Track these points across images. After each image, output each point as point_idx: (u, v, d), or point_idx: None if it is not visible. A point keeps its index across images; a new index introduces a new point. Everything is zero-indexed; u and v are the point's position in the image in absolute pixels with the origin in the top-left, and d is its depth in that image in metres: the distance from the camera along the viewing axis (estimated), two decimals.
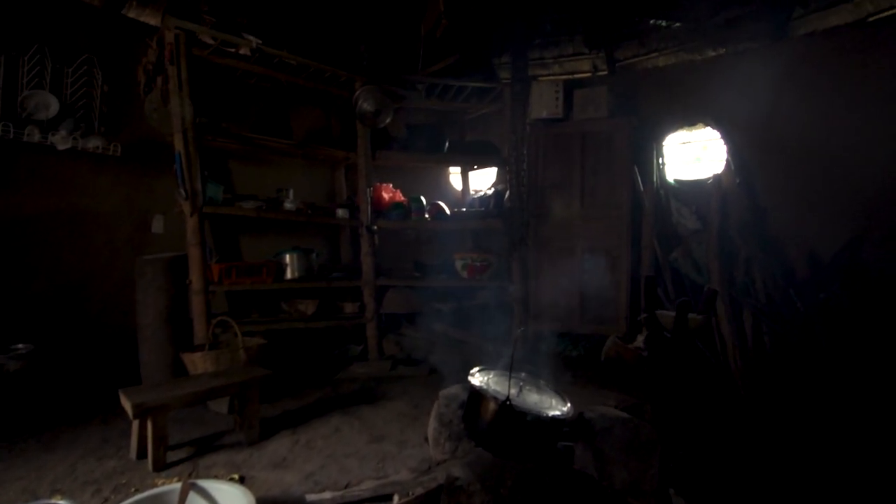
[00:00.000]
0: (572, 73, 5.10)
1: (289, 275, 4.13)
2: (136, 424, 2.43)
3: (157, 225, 4.12)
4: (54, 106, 3.53)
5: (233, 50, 3.69)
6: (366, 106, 4.08)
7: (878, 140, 3.60)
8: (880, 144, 3.60)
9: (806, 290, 3.68)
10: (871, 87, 3.67)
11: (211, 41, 3.61)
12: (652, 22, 3.71)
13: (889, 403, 2.94)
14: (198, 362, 3.13)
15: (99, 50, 3.79)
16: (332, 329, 4.45)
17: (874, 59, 3.66)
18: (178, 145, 3.42)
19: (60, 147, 3.47)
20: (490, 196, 5.17)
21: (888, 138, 3.56)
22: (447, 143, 4.93)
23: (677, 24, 3.68)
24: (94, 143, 3.60)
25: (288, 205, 4.16)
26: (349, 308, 4.44)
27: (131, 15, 3.99)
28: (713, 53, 4.44)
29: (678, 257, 4.41)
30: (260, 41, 3.60)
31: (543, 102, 4.69)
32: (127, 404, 2.33)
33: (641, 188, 4.63)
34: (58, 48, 3.60)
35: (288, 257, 4.13)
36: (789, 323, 3.59)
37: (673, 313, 2.44)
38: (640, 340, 2.54)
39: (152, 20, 4.02)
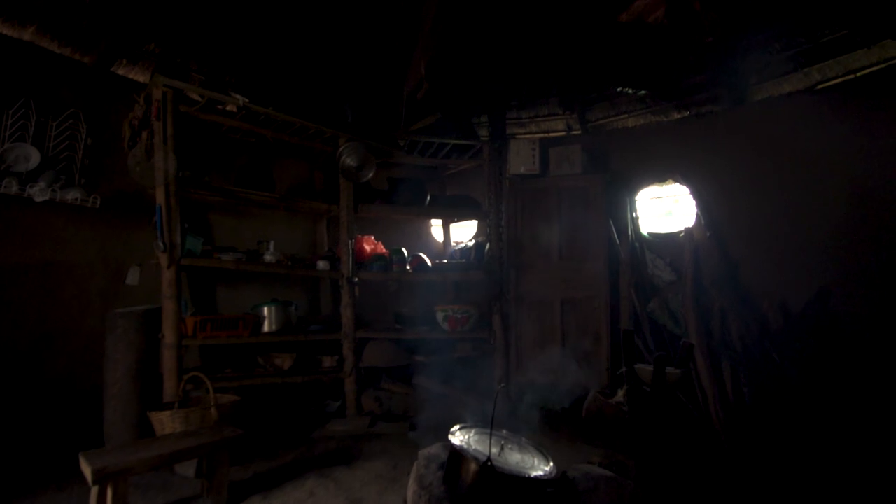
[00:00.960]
0: (547, 131, 5.35)
1: (266, 328, 4.05)
2: (95, 491, 2.27)
3: (133, 277, 4.04)
4: (35, 158, 3.53)
5: (220, 107, 3.79)
6: (349, 161, 4.18)
7: (834, 199, 3.81)
8: (836, 203, 3.80)
9: (780, 341, 3.75)
10: (823, 148, 3.92)
11: (198, 98, 3.71)
12: (619, 90, 3.97)
13: (865, 448, 2.95)
14: (166, 421, 2.98)
15: (85, 104, 3.85)
16: (309, 384, 4.32)
17: (824, 122, 3.93)
18: (160, 198, 3.43)
19: (38, 199, 3.43)
20: (471, 248, 5.25)
21: (843, 197, 3.77)
22: (429, 197, 5.05)
23: (642, 92, 3.93)
24: (73, 195, 3.58)
25: (268, 257, 4.14)
26: (328, 362, 4.34)
27: (120, 72, 4.09)
28: (678, 115, 4.72)
29: (655, 308, 4.48)
30: (247, 99, 3.72)
31: (521, 159, 4.88)
32: (86, 469, 2.19)
33: (617, 241, 4.76)
34: (44, 102, 3.65)
35: (266, 310, 4.07)
36: (767, 374, 3.63)
37: (651, 367, 2.46)
38: (620, 395, 2.53)
39: (141, 77, 4.11)
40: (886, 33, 3.36)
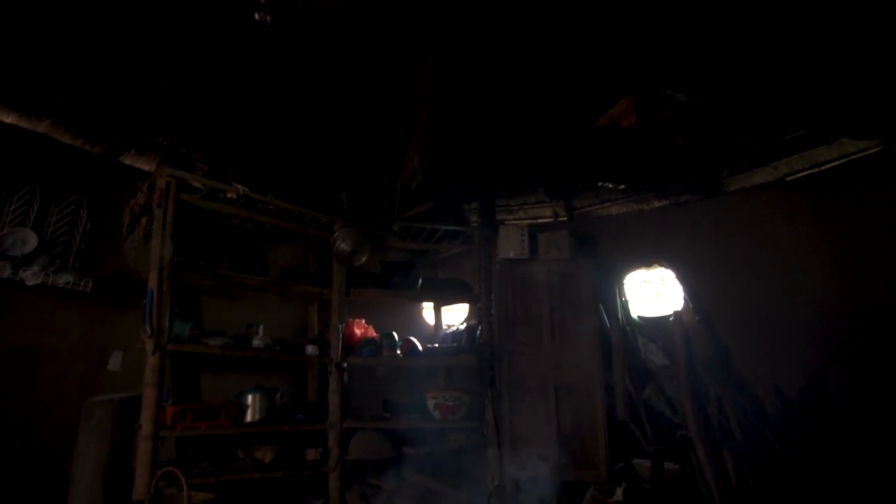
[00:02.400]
0: (535, 218, 5.56)
1: (249, 417, 3.88)
2: None
3: (115, 362, 3.93)
4: (32, 242, 3.59)
5: (221, 195, 3.94)
6: (343, 246, 4.28)
7: (813, 284, 3.91)
8: (816, 288, 3.89)
9: (780, 428, 3.66)
10: (798, 235, 4.08)
11: (200, 186, 3.87)
12: (600, 184, 4.23)
13: None
14: None
15: (88, 191, 3.99)
16: (291, 479, 4.05)
17: (796, 211, 4.14)
18: (152, 283, 3.45)
19: (29, 283, 3.44)
20: (463, 331, 5.21)
21: (822, 282, 3.87)
22: (420, 281, 5.10)
23: (621, 186, 4.18)
24: (65, 279, 3.59)
25: (256, 342, 4.08)
26: (311, 455, 4.10)
27: (127, 162, 4.30)
28: (659, 204, 4.96)
29: (651, 395, 4.39)
30: (247, 189, 3.88)
31: (510, 244, 5.02)
32: None
33: (608, 325, 4.77)
34: (49, 189, 3.78)
35: (250, 398, 3.92)
36: (769, 463, 3.50)
37: (650, 463, 2.36)
38: (619, 494, 2.41)
39: (147, 166, 4.31)
40: (842, 133, 3.67)
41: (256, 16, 2.11)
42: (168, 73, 3.56)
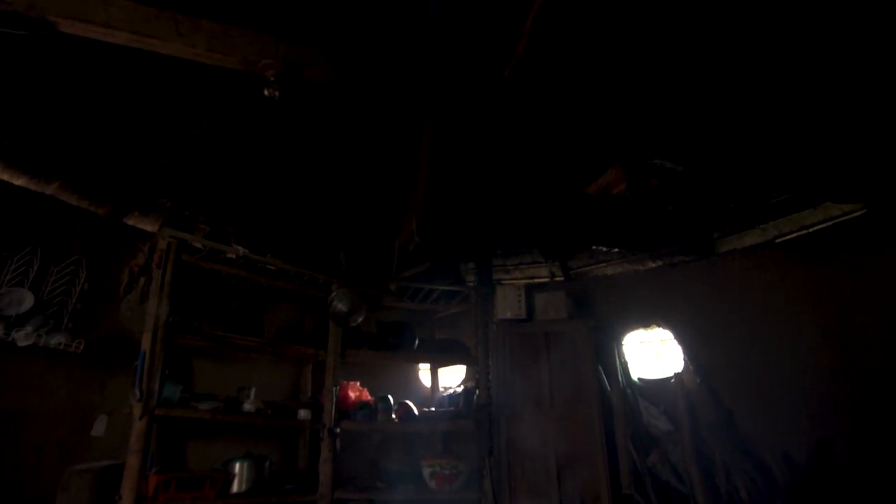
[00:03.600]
0: (532, 277, 5.60)
1: (235, 487, 3.69)
2: None
3: (99, 427, 3.78)
4: (28, 302, 3.58)
5: (220, 255, 3.98)
6: (340, 306, 4.28)
7: (811, 346, 3.88)
8: (814, 350, 3.86)
9: (791, 498, 3.49)
10: (792, 296, 4.10)
11: (201, 247, 3.92)
12: (594, 248, 4.32)
13: None
14: None
15: (89, 251, 4.03)
16: None
17: (788, 273, 4.19)
18: (146, 343, 3.41)
19: (21, 344, 3.40)
20: (460, 394, 5.09)
21: (819, 344, 3.84)
22: (417, 341, 5.05)
23: (615, 249, 4.27)
24: (57, 340, 3.55)
25: (247, 406, 3.96)
26: None
27: (130, 223, 4.37)
28: (653, 264, 5.01)
29: (656, 462, 4.22)
30: (247, 250, 3.93)
31: (507, 304, 5.02)
32: None
33: (608, 388, 4.67)
34: (50, 249, 3.82)
35: (237, 467, 3.75)
36: None
37: None
38: None
39: (149, 227, 4.38)
40: (824, 197, 3.79)
41: (266, 92, 2.25)
42: (175, 141, 3.71)
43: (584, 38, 2.29)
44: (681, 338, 4.67)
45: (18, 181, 3.82)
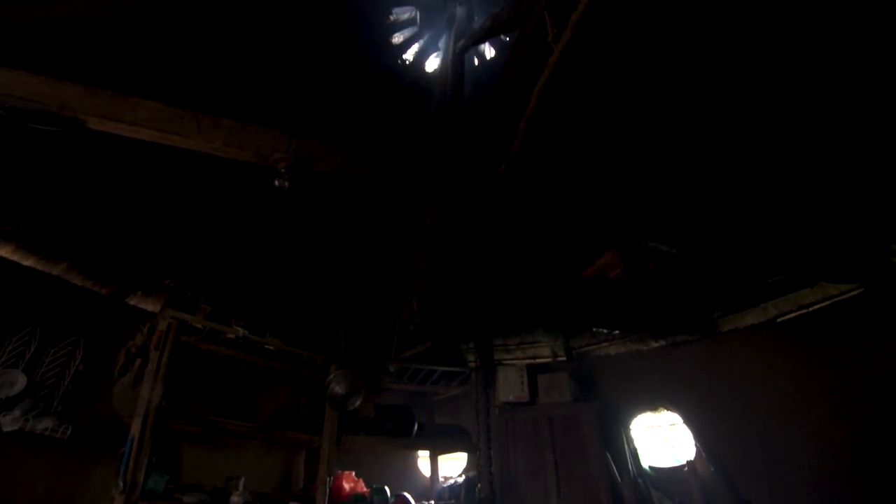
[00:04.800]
0: (534, 357, 5.50)
1: None
2: None
3: None
4: (20, 384, 3.52)
5: (220, 336, 3.96)
6: (338, 389, 4.17)
7: (823, 428, 3.73)
8: (827, 432, 3.70)
9: None
10: (799, 376, 4.00)
11: (201, 328, 3.91)
12: (594, 329, 4.31)
13: None
14: None
15: (87, 331, 4.01)
16: None
17: (791, 352, 4.12)
18: (135, 429, 3.29)
19: (7, 429, 3.29)
20: (461, 485, 4.80)
21: (832, 426, 3.69)
22: (416, 426, 4.85)
23: (616, 332, 4.26)
24: (44, 425, 3.43)
25: (235, 498, 3.72)
26: None
27: (132, 302, 4.40)
28: (656, 344, 4.95)
29: None
30: (247, 331, 3.92)
31: (509, 386, 4.89)
32: None
33: (618, 478, 4.42)
34: (49, 329, 3.81)
35: None
36: None
37: None
38: None
39: (150, 307, 4.41)
40: (820, 277, 3.84)
41: (276, 182, 2.39)
42: (183, 226, 3.85)
43: (577, 134, 2.46)
44: (690, 421, 4.50)
45: (27, 262, 3.90)
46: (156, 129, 2.34)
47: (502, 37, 3.78)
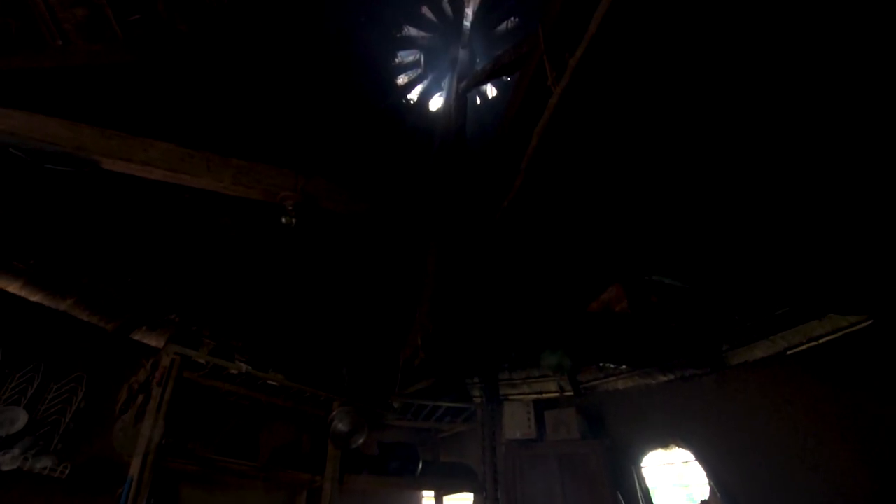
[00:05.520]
0: (540, 392, 5.40)
1: None
2: None
3: None
4: (21, 421, 3.49)
5: (223, 372, 3.93)
6: (341, 426, 4.10)
7: (848, 466, 3.61)
8: (851, 471, 3.58)
9: None
10: (813, 410, 3.89)
11: (204, 363, 3.89)
12: (601, 364, 4.25)
13: None
14: None
15: (91, 367, 4.00)
16: None
17: (805, 386, 4.01)
18: (134, 469, 3.23)
19: (5, 468, 3.24)
20: None
21: (855, 464, 3.57)
22: (420, 464, 4.73)
23: (623, 367, 4.20)
24: (42, 464, 3.38)
25: None
26: None
27: (137, 338, 4.39)
28: (664, 378, 4.86)
29: None
30: (250, 367, 3.90)
31: (516, 422, 4.78)
32: None
33: None
34: (53, 365, 3.80)
35: None
36: None
37: None
38: None
39: (154, 342, 4.40)
40: (828, 309, 3.79)
41: (283, 219, 2.43)
42: (190, 261, 3.88)
43: (578, 171, 2.50)
44: (703, 459, 4.36)
45: (35, 297, 3.93)
46: (167, 169, 2.41)
47: (503, 77, 3.90)
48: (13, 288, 3.75)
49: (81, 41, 2.72)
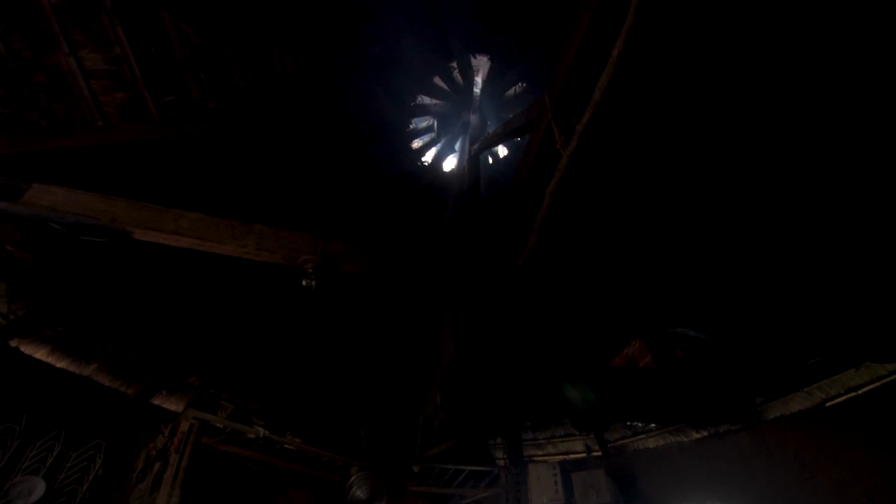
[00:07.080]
0: (567, 452, 5.16)
1: None
2: None
3: None
4: (39, 492, 3.46)
5: (241, 437, 3.89)
6: (359, 493, 3.96)
7: None
8: None
9: None
10: (862, 473, 3.65)
11: (222, 428, 3.85)
12: (629, 423, 4.10)
13: None
14: None
15: (110, 434, 3.99)
16: None
17: (848, 445, 3.79)
18: None
19: None
20: None
21: None
22: None
23: (652, 424, 4.03)
24: None
25: None
26: None
27: (156, 402, 4.40)
28: (697, 435, 4.62)
29: None
30: (267, 431, 3.84)
31: (542, 486, 4.56)
32: None
33: None
34: (73, 432, 3.80)
35: None
36: None
37: None
38: None
39: (174, 407, 4.39)
40: (863, 357, 3.63)
41: (304, 282, 2.49)
42: (211, 325, 3.95)
43: (593, 227, 2.54)
44: None
45: (60, 364, 4.00)
46: (195, 238, 2.51)
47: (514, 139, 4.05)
48: (41, 354, 3.83)
49: (121, 122, 2.94)
